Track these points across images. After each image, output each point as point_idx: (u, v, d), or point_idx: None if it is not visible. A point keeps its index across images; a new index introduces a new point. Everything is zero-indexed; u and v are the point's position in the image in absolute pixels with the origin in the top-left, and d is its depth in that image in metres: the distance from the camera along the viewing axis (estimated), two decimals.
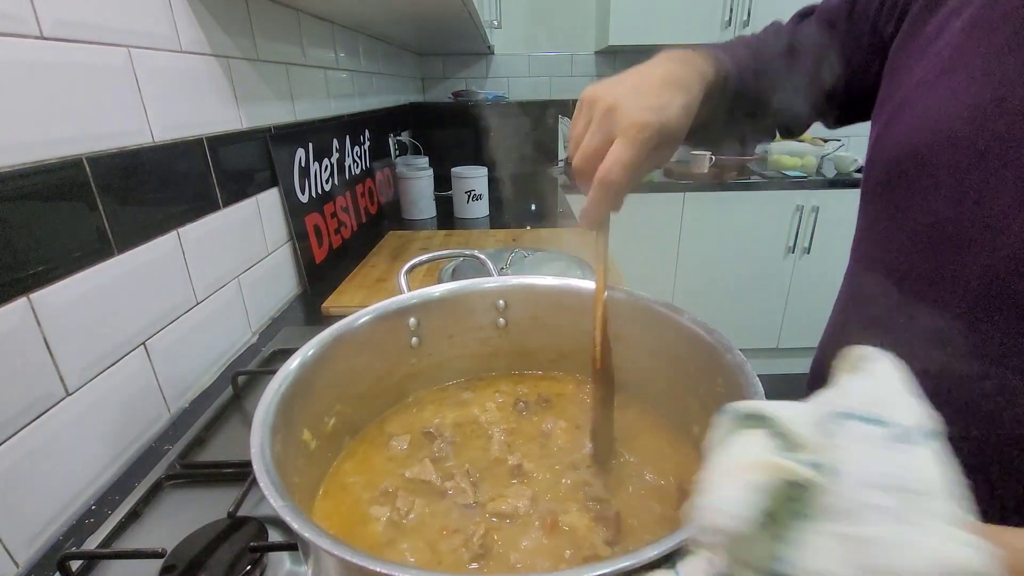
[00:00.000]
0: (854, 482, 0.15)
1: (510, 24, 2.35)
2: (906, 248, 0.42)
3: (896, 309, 0.43)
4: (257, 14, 0.87)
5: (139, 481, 0.53)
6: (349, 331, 0.44)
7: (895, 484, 0.15)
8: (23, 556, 0.46)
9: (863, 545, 0.14)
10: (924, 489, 0.15)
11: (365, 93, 1.53)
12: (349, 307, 0.94)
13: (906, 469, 0.15)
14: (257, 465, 0.29)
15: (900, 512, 0.15)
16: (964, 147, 0.36)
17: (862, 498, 0.15)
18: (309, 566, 0.30)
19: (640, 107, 0.37)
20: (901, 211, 0.42)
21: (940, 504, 0.15)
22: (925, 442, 0.16)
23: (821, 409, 0.18)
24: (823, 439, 0.17)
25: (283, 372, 0.38)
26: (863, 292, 0.48)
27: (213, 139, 0.74)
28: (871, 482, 0.15)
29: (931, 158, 0.39)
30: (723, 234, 2.12)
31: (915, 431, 0.16)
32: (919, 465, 0.15)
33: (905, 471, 0.15)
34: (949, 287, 0.38)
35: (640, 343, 0.47)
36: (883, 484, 0.15)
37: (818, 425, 0.18)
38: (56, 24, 0.49)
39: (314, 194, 1.08)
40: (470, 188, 1.53)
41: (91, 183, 0.53)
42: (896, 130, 0.42)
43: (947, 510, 0.15)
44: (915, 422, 0.17)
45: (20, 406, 0.46)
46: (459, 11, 1.19)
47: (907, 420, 0.17)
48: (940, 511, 0.15)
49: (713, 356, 0.40)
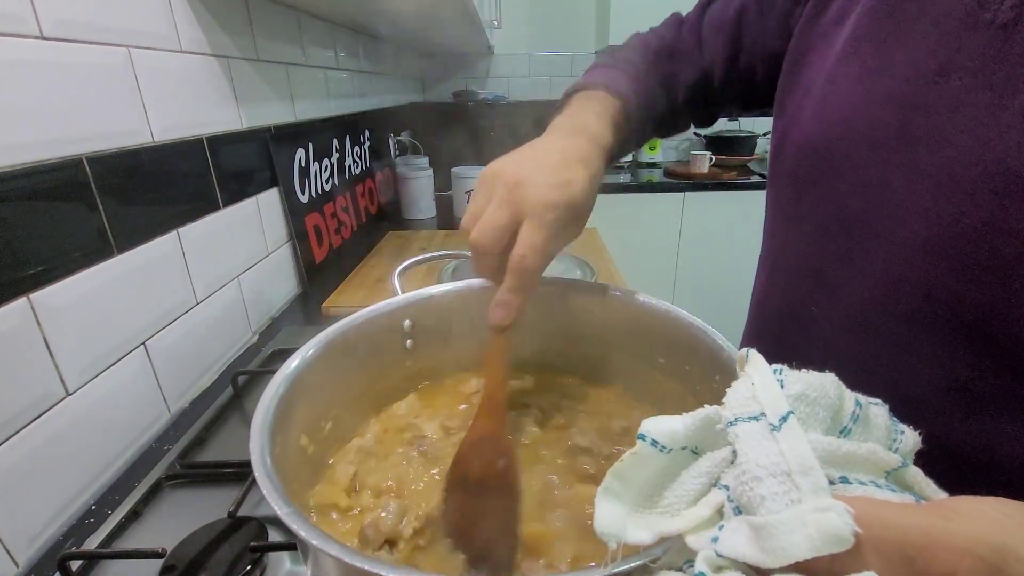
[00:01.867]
0: (750, 479, 0.18)
1: (510, 24, 2.35)
2: (812, 239, 0.42)
3: (811, 303, 0.43)
4: (257, 14, 0.87)
5: (139, 481, 0.53)
6: (341, 335, 0.43)
7: (779, 469, 0.18)
8: (23, 556, 0.46)
9: (764, 530, 0.17)
10: (796, 468, 0.18)
11: (365, 93, 1.53)
12: (349, 307, 0.94)
13: (781, 454, 0.18)
14: (258, 470, 0.29)
15: (784, 494, 0.17)
16: (860, 139, 0.36)
17: (756, 492, 0.18)
18: (309, 566, 0.30)
19: (546, 184, 0.37)
20: (807, 202, 0.42)
21: (811, 479, 0.17)
22: (785, 425, 0.19)
23: (720, 420, 0.22)
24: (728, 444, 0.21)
25: (279, 376, 0.38)
26: (781, 286, 0.48)
27: (213, 139, 0.74)
28: (760, 475, 0.18)
29: (832, 149, 0.39)
30: (723, 234, 2.12)
31: (778, 417, 0.19)
32: (788, 447, 0.18)
33: (781, 456, 0.18)
34: (856, 277, 0.38)
35: (636, 340, 0.47)
36: (770, 473, 0.18)
37: (719, 434, 0.21)
38: (56, 24, 0.49)
39: (314, 194, 1.08)
40: (470, 188, 1.53)
41: (91, 183, 0.53)
42: (802, 120, 0.42)
43: (813, 482, 0.17)
44: (777, 409, 0.19)
45: (20, 406, 0.46)
46: (459, 11, 1.19)
47: (773, 409, 0.20)
48: (811, 486, 0.17)
49: (711, 353, 0.40)
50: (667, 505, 0.22)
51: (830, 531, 0.16)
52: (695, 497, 0.21)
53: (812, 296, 0.42)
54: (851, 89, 0.37)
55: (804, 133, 0.41)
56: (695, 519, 0.20)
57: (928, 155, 0.33)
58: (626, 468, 0.22)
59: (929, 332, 0.34)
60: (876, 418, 0.22)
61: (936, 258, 0.33)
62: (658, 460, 0.22)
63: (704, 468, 0.22)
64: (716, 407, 0.22)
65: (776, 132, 0.47)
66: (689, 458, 0.22)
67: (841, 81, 0.38)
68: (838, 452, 0.19)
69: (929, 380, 0.35)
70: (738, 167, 2.27)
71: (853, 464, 0.19)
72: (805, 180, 0.42)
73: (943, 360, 0.34)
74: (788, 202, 0.45)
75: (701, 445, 0.22)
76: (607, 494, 0.22)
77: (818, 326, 0.42)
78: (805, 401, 0.20)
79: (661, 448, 0.22)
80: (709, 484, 0.21)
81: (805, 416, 0.20)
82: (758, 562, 0.17)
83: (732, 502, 0.20)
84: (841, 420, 0.21)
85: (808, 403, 0.20)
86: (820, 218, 0.41)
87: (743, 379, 0.22)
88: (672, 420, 0.22)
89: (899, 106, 0.34)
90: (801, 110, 0.42)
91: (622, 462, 0.22)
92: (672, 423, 0.22)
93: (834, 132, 0.38)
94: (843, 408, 0.21)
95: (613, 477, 0.22)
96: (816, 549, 0.16)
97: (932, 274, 0.33)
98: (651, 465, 0.22)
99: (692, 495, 0.21)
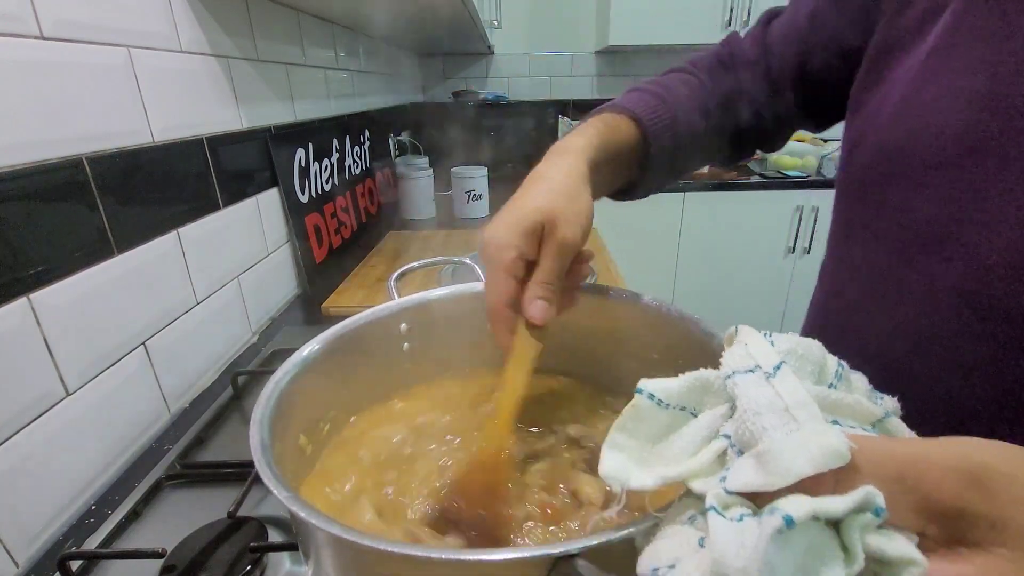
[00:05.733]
0: (751, 415, 0.20)
1: (510, 24, 2.35)
2: (886, 249, 0.39)
3: (873, 315, 0.41)
4: (257, 14, 0.87)
5: (139, 481, 0.53)
6: (339, 338, 0.44)
7: (777, 407, 0.20)
8: (23, 556, 0.46)
9: (767, 455, 0.19)
10: (793, 403, 0.20)
11: (365, 93, 1.53)
12: (349, 307, 0.94)
13: (778, 395, 0.21)
14: (258, 461, 0.29)
15: (784, 425, 0.20)
16: (951, 142, 0.34)
17: (758, 424, 0.20)
18: (309, 566, 0.30)
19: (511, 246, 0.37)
20: (882, 209, 0.40)
21: (807, 411, 0.20)
22: (779, 372, 0.21)
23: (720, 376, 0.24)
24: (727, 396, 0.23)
25: (279, 376, 0.38)
26: (842, 296, 0.45)
27: (213, 139, 0.74)
28: (760, 410, 0.20)
29: (916, 153, 0.36)
30: (723, 234, 2.12)
31: (772, 367, 0.22)
32: (784, 389, 0.21)
33: (778, 396, 0.20)
34: (929, 290, 0.36)
35: (633, 339, 0.47)
36: (769, 409, 0.20)
37: (716, 393, 0.24)
38: (56, 24, 0.49)
39: (314, 194, 1.08)
40: (470, 188, 1.53)
41: (91, 183, 0.53)
42: (880, 122, 0.39)
43: (810, 413, 0.20)
44: (769, 361, 0.22)
45: (20, 406, 0.46)
46: (459, 11, 1.19)
47: (766, 361, 0.22)
48: (808, 416, 0.20)
49: (703, 346, 0.40)
50: (670, 457, 0.23)
51: (829, 448, 0.18)
52: (697, 448, 0.23)
53: (882, 306, 0.40)
54: (944, 88, 0.34)
55: (885, 134, 0.39)
56: (698, 464, 0.22)
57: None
58: (627, 421, 0.24)
59: (1006, 350, 0.32)
60: (857, 381, 0.24)
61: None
62: (656, 415, 0.24)
63: (704, 422, 0.23)
64: (711, 369, 0.24)
65: (850, 133, 0.44)
66: (687, 419, 0.24)
67: (932, 79, 0.35)
68: (828, 399, 0.21)
69: (992, 398, 0.33)
70: (738, 167, 2.27)
71: (842, 411, 0.21)
72: (883, 185, 0.39)
73: (1007, 378, 0.32)
74: (861, 208, 0.42)
75: (698, 406, 0.24)
76: (612, 446, 0.24)
77: (882, 338, 0.40)
78: (794, 356, 0.23)
79: (658, 402, 0.24)
80: (710, 437, 0.23)
81: (795, 368, 0.22)
82: (765, 485, 0.18)
83: (735, 447, 0.21)
84: (826, 378, 0.23)
85: (797, 358, 0.23)
86: (898, 226, 0.38)
87: (737, 344, 0.24)
88: (668, 379, 0.24)
89: (999, 108, 0.32)
90: (882, 110, 0.39)
91: (622, 416, 0.24)
92: (668, 380, 0.24)
93: (921, 134, 0.36)
94: (827, 367, 0.23)
95: (616, 431, 0.24)
96: (818, 466, 0.17)
97: (1015, 293, 0.31)
98: (651, 420, 0.24)
99: (694, 447, 0.23)
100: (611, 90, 2.58)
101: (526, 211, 0.37)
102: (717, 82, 0.53)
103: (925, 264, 0.36)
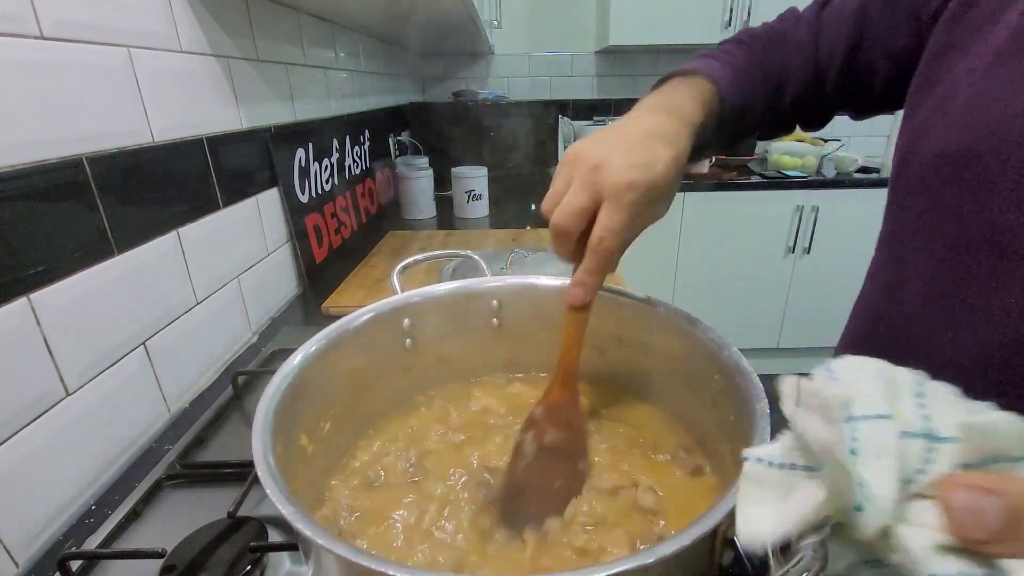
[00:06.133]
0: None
1: (510, 24, 2.35)
2: (951, 256, 0.37)
3: (939, 327, 0.39)
4: (257, 14, 0.87)
5: (139, 481, 0.53)
6: (340, 335, 0.44)
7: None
8: (23, 556, 0.46)
9: (977, 427, 0.20)
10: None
11: (365, 93, 1.53)
12: (349, 307, 0.93)
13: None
14: (261, 471, 0.29)
15: None
16: (1022, 145, 0.32)
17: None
18: (309, 566, 0.30)
19: (626, 166, 0.36)
20: (945, 214, 0.38)
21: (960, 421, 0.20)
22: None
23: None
24: None
25: (279, 375, 0.38)
26: (899, 304, 0.43)
27: (213, 139, 0.74)
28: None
29: (987, 156, 0.34)
30: (723, 234, 2.12)
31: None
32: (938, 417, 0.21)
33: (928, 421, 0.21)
34: (999, 302, 0.34)
35: (636, 341, 0.47)
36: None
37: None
38: (56, 24, 0.49)
39: (314, 194, 1.08)
40: (470, 188, 1.53)
41: (91, 183, 0.53)
42: (942, 123, 0.38)
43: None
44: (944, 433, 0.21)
45: (20, 406, 0.46)
46: (459, 11, 1.19)
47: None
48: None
49: (709, 353, 0.40)
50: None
51: None
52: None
53: (945, 320, 0.38)
54: (1014, 89, 0.33)
55: (946, 137, 0.37)
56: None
57: None
58: (750, 485, 0.24)
59: None
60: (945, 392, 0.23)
61: None
62: (772, 475, 0.23)
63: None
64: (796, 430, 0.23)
65: (905, 136, 0.43)
66: (806, 473, 0.23)
67: (1000, 80, 0.34)
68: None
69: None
70: (738, 167, 2.27)
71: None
72: (943, 190, 0.38)
73: None
74: (918, 214, 0.41)
75: (814, 464, 0.22)
76: (746, 500, 0.23)
77: (942, 353, 0.38)
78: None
79: (769, 464, 0.23)
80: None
81: None
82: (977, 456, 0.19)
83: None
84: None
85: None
86: (961, 233, 0.37)
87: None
88: (768, 445, 0.24)
89: None
90: (942, 112, 0.38)
91: (745, 483, 0.24)
92: (768, 446, 0.24)
93: (988, 137, 0.34)
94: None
95: (748, 484, 0.24)
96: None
97: None
98: (770, 479, 0.23)
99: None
100: (611, 90, 2.58)
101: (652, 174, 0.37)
102: (769, 56, 0.53)
103: (998, 273, 0.34)
